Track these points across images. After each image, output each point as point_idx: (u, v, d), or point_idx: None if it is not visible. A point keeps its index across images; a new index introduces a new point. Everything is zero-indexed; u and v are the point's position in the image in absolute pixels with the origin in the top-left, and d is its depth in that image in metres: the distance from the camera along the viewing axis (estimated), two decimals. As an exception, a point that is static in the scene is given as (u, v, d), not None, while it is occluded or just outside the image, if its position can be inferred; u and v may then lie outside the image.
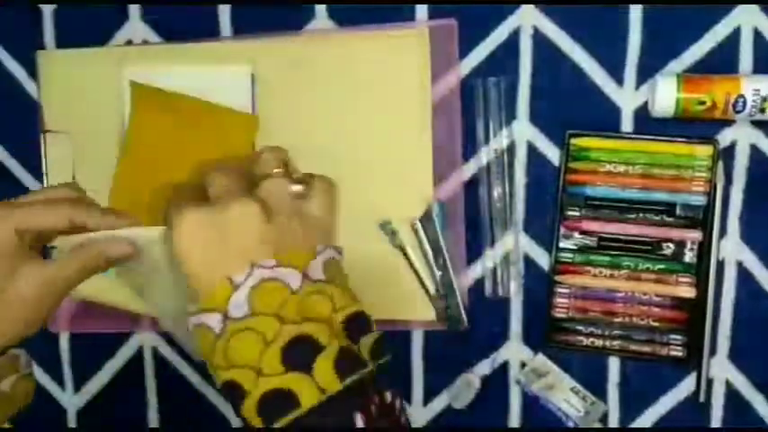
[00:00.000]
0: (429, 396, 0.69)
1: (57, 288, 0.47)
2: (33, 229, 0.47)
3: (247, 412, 0.41)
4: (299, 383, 0.40)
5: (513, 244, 0.66)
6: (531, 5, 0.65)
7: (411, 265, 0.66)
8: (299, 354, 0.41)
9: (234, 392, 0.41)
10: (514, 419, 0.68)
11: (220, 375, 0.42)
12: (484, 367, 0.68)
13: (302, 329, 0.41)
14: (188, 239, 0.43)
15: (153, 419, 0.73)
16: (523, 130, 0.66)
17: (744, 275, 0.65)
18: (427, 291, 0.66)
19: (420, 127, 0.66)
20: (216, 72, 0.68)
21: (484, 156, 0.66)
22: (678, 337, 0.65)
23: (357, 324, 0.44)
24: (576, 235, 0.66)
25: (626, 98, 0.65)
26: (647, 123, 0.65)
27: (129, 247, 0.47)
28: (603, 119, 0.65)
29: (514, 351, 0.68)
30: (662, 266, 0.64)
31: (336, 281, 0.44)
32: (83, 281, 0.48)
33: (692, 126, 0.64)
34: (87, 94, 0.70)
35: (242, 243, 0.42)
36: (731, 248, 0.65)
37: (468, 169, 0.67)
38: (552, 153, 0.66)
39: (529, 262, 0.67)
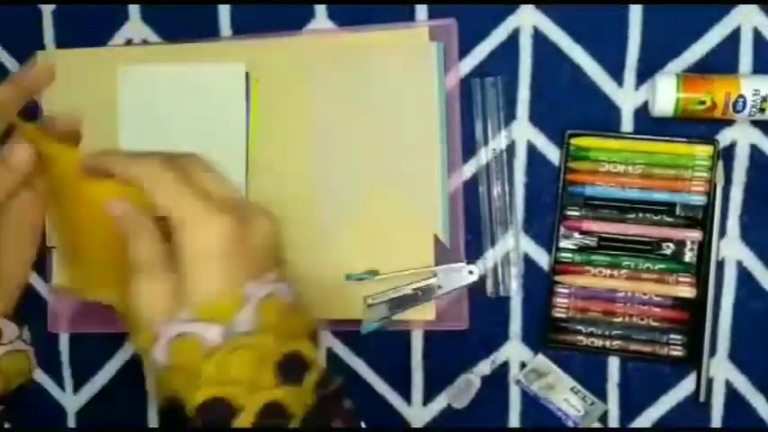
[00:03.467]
0: (429, 396, 0.69)
1: None
2: None
3: (241, 424, 0.39)
4: (289, 396, 0.40)
5: (513, 244, 0.66)
6: (531, 5, 0.65)
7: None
8: (293, 368, 0.41)
9: (221, 408, 0.39)
10: (514, 419, 0.68)
11: (202, 392, 0.40)
12: (484, 367, 0.68)
13: (295, 345, 0.41)
14: (216, 242, 0.41)
15: (153, 420, 0.73)
16: (523, 130, 0.66)
17: (744, 275, 0.65)
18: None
19: (423, 125, 0.66)
20: (209, 70, 0.68)
21: (483, 156, 0.66)
22: (678, 336, 0.65)
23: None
24: (576, 235, 0.66)
25: (626, 98, 0.65)
26: (646, 123, 0.65)
27: None
28: (603, 119, 0.65)
29: (514, 351, 0.68)
30: (662, 266, 0.64)
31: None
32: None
33: (691, 126, 0.64)
34: (87, 93, 0.70)
35: (259, 256, 0.41)
36: (731, 248, 0.65)
37: (468, 169, 0.67)
38: (552, 153, 0.66)
39: (529, 262, 0.67)
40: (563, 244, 0.66)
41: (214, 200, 0.42)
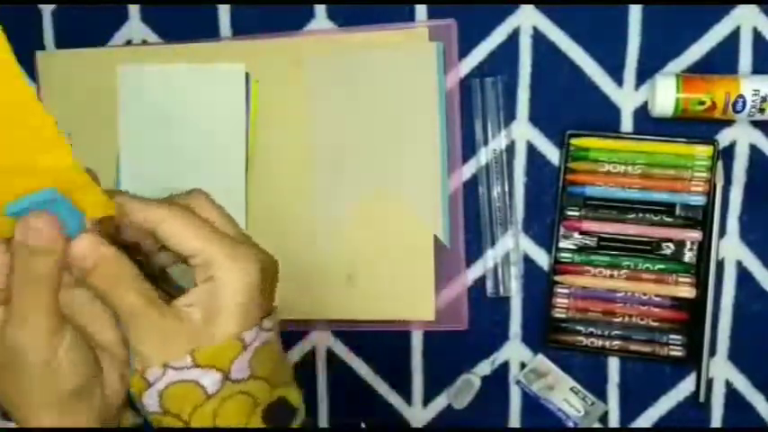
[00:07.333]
0: (429, 396, 0.69)
1: None
2: None
3: None
4: None
5: (513, 244, 0.66)
6: (531, 5, 0.65)
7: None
8: (281, 415, 0.41)
9: None
10: (514, 420, 0.68)
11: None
12: (484, 367, 0.68)
13: (283, 392, 0.42)
14: (244, 287, 0.40)
15: (152, 420, 0.73)
16: (523, 131, 0.66)
17: (743, 275, 0.65)
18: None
19: (423, 125, 0.66)
20: (210, 70, 0.68)
21: (483, 156, 0.66)
22: (678, 336, 0.65)
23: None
24: (576, 235, 0.66)
25: (625, 98, 0.65)
26: (646, 123, 0.65)
27: None
28: (603, 119, 0.65)
29: (514, 351, 0.68)
30: (661, 266, 0.64)
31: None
32: None
33: (691, 126, 0.64)
34: (86, 94, 0.70)
35: (265, 300, 0.41)
36: (731, 248, 0.65)
37: (468, 169, 0.67)
38: (552, 153, 0.66)
39: (528, 262, 0.67)
40: (563, 244, 0.66)
41: (236, 240, 0.41)
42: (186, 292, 0.41)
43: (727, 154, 0.64)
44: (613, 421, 0.67)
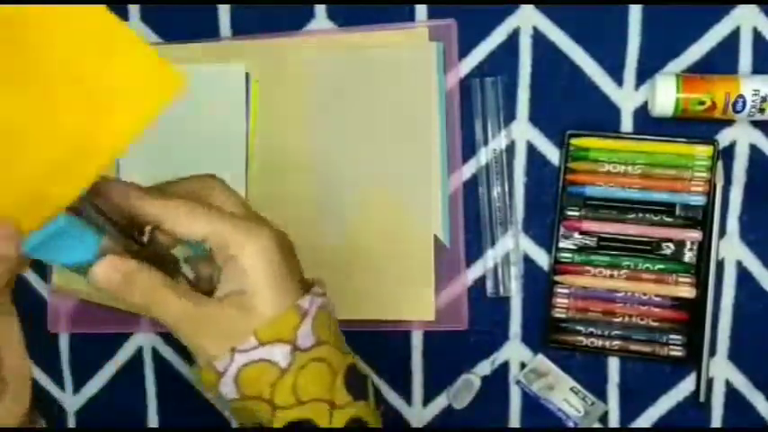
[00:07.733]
0: (429, 396, 0.69)
1: None
2: None
3: None
4: (365, 411, 0.42)
5: (513, 244, 0.66)
6: (531, 5, 0.65)
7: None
8: (356, 381, 0.42)
9: (306, 430, 0.40)
10: (514, 420, 0.68)
11: (282, 416, 0.40)
12: (484, 367, 0.68)
13: (349, 359, 0.42)
14: (267, 256, 0.40)
15: (153, 420, 0.73)
16: (523, 131, 0.66)
17: (743, 275, 0.65)
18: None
19: (423, 125, 0.66)
20: (209, 71, 0.68)
21: (483, 156, 0.66)
22: (678, 336, 0.65)
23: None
24: (576, 235, 0.66)
25: (625, 98, 0.65)
26: (646, 123, 0.65)
27: None
28: (603, 119, 0.65)
29: (514, 351, 0.68)
30: (661, 266, 0.64)
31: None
32: None
33: (691, 126, 0.64)
34: (87, 94, 0.70)
35: (298, 269, 0.42)
36: (731, 248, 0.65)
37: (468, 169, 0.67)
38: (552, 153, 0.66)
39: (528, 262, 0.67)
40: (563, 244, 0.66)
41: (244, 217, 0.42)
42: (217, 285, 0.41)
43: (727, 154, 0.64)
44: (613, 421, 0.67)
